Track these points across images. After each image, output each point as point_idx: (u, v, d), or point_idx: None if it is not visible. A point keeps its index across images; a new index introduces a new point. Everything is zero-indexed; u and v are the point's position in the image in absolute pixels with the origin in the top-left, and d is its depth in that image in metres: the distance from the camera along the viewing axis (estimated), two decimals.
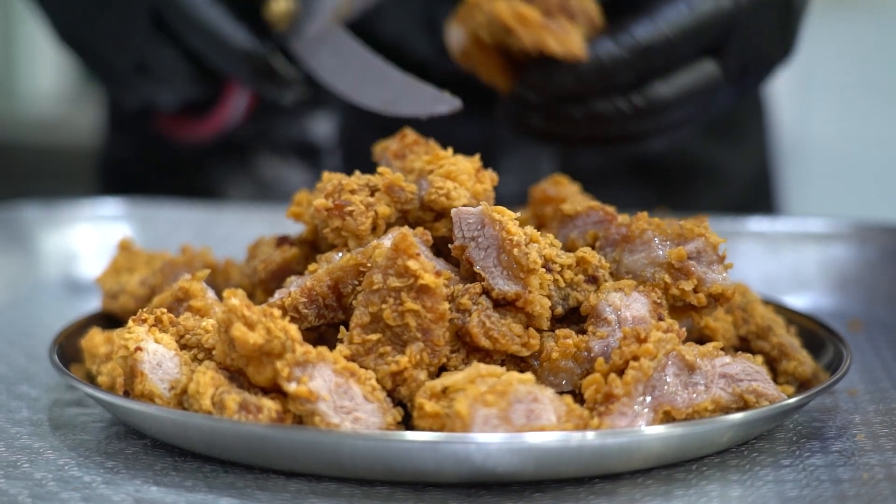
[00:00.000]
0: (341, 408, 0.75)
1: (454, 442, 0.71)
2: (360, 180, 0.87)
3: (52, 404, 0.89)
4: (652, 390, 0.77)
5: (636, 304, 0.82)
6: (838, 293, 1.14)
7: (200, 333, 0.82)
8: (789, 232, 1.20)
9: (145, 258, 0.99)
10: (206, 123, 1.20)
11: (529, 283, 0.80)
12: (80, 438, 0.82)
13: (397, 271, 0.78)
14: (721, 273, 0.84)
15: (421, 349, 0.78)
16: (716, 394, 0.78)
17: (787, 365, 0.88)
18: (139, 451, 0.79)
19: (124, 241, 1.01)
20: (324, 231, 0.87)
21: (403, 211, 0.87)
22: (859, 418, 0.85)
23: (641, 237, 0.85)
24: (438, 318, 0.78)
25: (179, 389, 0.77)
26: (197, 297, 0.86)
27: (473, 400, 0.73)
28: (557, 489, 0.73)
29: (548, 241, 0.84)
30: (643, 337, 0.79)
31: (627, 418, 0.76)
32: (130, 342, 0.79)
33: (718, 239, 0.84)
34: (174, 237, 1.20)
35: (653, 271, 0.84)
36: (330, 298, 0.83)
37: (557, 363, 0.80)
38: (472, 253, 0.82)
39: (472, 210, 0.83)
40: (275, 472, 0.75)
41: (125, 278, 0.97)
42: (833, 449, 0.79)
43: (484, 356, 0.80)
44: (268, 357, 0.75)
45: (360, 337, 0.79)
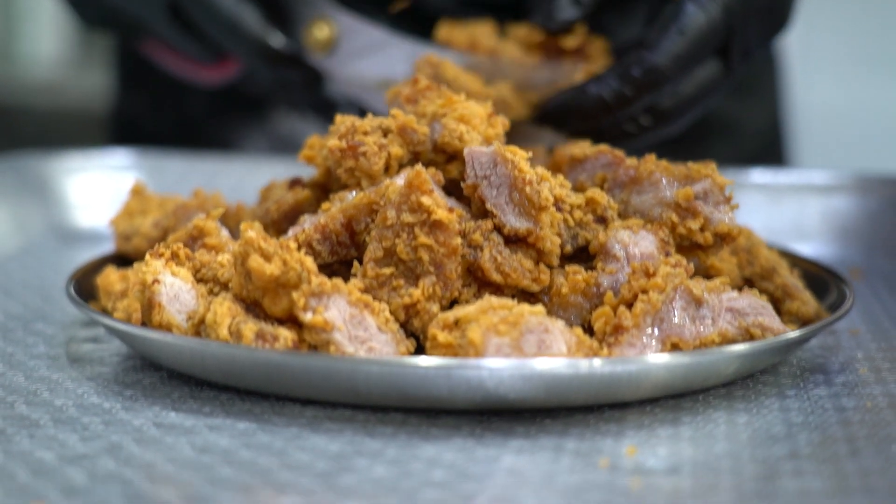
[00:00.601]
0: (356, 337, 0.77)
1: (467, 367, 0.72)
2: (373, 122, 0.88)
3: (68, 340, 0.90)
4: (660, 322, 0.78)
5: (644, 241, 0.84)
6: (839, 243, 1.16)
7: (216, 267, 0.84)
8: (792, 183, 1.21)
9: (158, 202, 1.01)
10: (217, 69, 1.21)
11: (540, 220, 0.81)
12: (98, 370, 0.83)
13: (411, 207, 0.80)
14: (727, 213, 0.86)
15: (433, 283, 0.79)
16: (722, 327, 0.80)
17: (791, 305, 0.90)
18: (156, 382, 0.81)
19: (137, 184, 1.03)
20: (337, 171, 0.88)
21: (416, 153, 0.89)
22: (861, 354, 0.86)
23: (649, 178, 0.87)
24: (451, 253, 0.80)
25: (197, 320, 0.79)
26: (211, 234, 0.87)
27: (486, 329, 0.74)
28: (567, 416, 0.75)
29: (558, 182, 0.85)
30: (652, 271, 0.81)
31: (636, 349, 0.77)
32: (148, 275, 0.81)
33: (725, 180, 0.85)
34: (183, 186, 1.21)
35: (660, 211, 0.86)
36: (343, 235, 0.84)
37: (567, 298, 0.82)
38: (485, 191, 0.83)
39: (485, 149, 0.84)
40: (290, 400, 0.77)
41: (138, 220, 0.98)
42: (837, 381, 0.81)
43: (495, 291, 0.82)
44: (284, 288, 0.77)
45: (374, 271, 0.80)
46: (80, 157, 1.27)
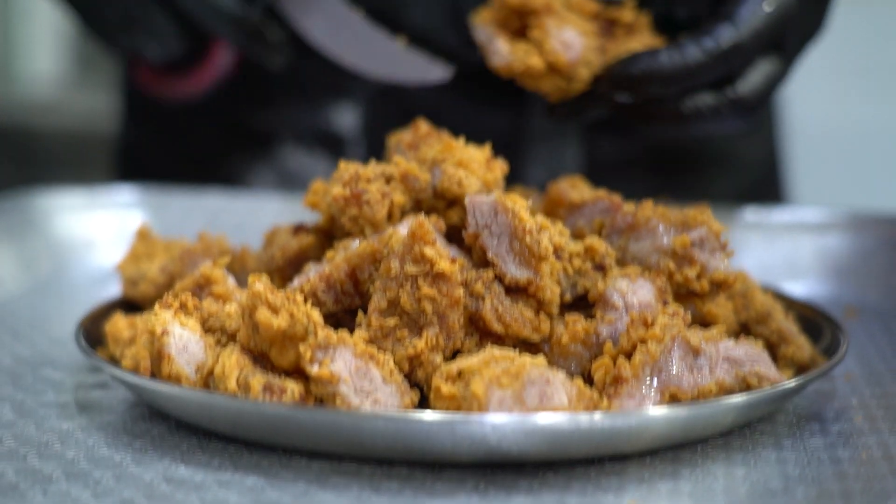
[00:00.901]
0: (361, 389, 0.78)
1: (470, 422, 0.74)
2: (376, 170, 0.90)
3: (77, 386, 0.91)
4: (659, 373, 0.80)
5: (642, 290, 0.85)
6: (833, 281, 1.17)
7: (223, 318, 0.85)
8: (785, 222, 1.23)
9: (163, 245, 1.02)
10: (191, 80, 1.22)
11: (541, 270, 0.83)
12: (107, 419, 0.85)
13: (414, 258, 0.82)
14: (723, 260, 0.87)
15: (437, 333, 0.81)
16: (720, 377, 0.81)
17: (787, 350, 0.91)
18: (164, 432, 0.82)
19: (143, 228, 1.04)
20: (341, 219, 0.90)
21: (418, 199, 0.91)
22: (856, 401, 0.88)
23: (647, 225, 0.89)
24: (453, 304, 0.81)
25: (206, 371, 0.80)
26: (218, 283, 0.89)
27: (489, 382, 0.76)
28: (569, 469, 0.76)
29: (557, 230, 0.87)
30: (650, 321, 0.82)
31: (635, 400, 0.79)
32: (157, 326, 0.82)
33: (721, 227, 0.87)
34: (187, 224, 1.22)
35: (657, 258, 0.87)
36: (347, 284, 0.86)
37: (567, 347, 0.83)
38: (486, 240, 0.85)
39: (486, 198, 0.86)
40: (297, 453, 0.78)
41: (145, 265, 1.00)
42: (832, 430, 0.83)
43: (496, 341, 0.84)
44: (291, 340, 0.78)
45: (378, 321, 0.82)
46: (85, 194, 1.28)
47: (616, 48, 1.01)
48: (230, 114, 1.37)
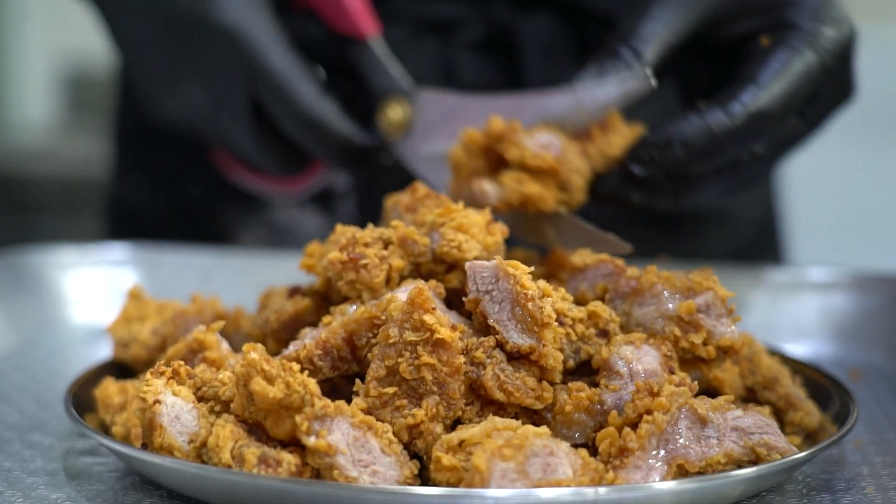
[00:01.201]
0: (359, 461, 0.76)
1: (472, 497, 0.72)
2: (374, 233, 0.88)
3: (65, 453, 0.89)
4: (665, 444, 0.78)
5: (647, 357, 0.83)
6: (838, 341, 1.16)
7: (217, 386, 0.83)
8: (789, 281, 1.21)
9: (155, 307, 1.00)
10: (286, 185, 1.19)
11: (543, 337, 0.81)
12: (97, 489, 0.82)
13: (413, 325, 0.79)
14: (729, 326, 0.85)
15: (437, 402, 0.79)
16: (728, 447, 0.79)
17: (794, 416, 0.89)
18: (156, 502, 0.80)
19: (134, 289, 1.02)
20: (338, 284, 0.88)
21: (416, 263, 0.89)
22: (867, 470, 0.86)
23: (651, 290, 0.87)
24: (454, 372, 0.79)
25: (199, 443, 0.78)
26: (212, 348, 0.87)
27: (491, 454, 0.74)
28: None
29: (560, 296, 0.85)
30: (656, 391, 0.80)
31: (642, 472, 0.77)
32: (149, 395, 0.80)
33: (727, 292, 0.85)
34: (179, 282, 1.20)
35: (663, 324, 0.86)
36: (344, 351, 0.84)
37: (571, 416, 0.81)
38: (487, 306, 0.83)
39: (487, 264, 0.84)
40: None
41: (136, 327, 0.98)
42: (843, 502, 0.80)
43: (498, 409, 0.81)
44: (287, 411, 0.76)
45: (377, 390, 0.80)
46: (76, 251, 1.26)
47: (598, 148, 0.98)
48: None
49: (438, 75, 1.27)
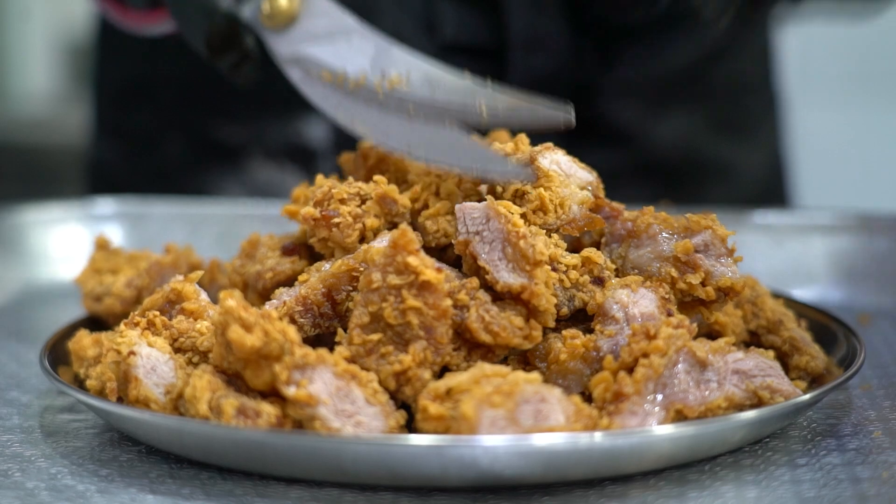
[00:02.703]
0: (342, 412, 0.73)
1: (460, 445, 0.69)
2: (352, 188, 0.84)
3: (43, 410, 0.86)
4: (663, 388, 0.74)
5: (644, 301, 0.80)
6: (845, 286, 1.12)
7: (195, 336, 0.80)
8: (795, 224, 1.17)
9: (126, 257, 0.96)
10: (149, 19, 1.11)
11: (535, 276, 0.77)
12: (73, 445, 0.79)
13: (397, 268, 0.76)
14: (730, 266, 0.82)
15: (424, 347, 0.75)
16: (729, 391, 0.76)
17: (799, 359, 0.86)
18: (134, 458, 0.77)
19: (101, 238, 0.99)
20: (310, 241, 0.85)
21: (394, 223, 0.85)
22: (875, 414, 0.82)
23: (647, 231, 0.83)
24: (441, 315, 0.76)
25: (175, 394, 0.75)
26: (190, 298, 0.83)
27: (479, 401, 0.70)
28: (566, 492, 0.71)
29: (553, 240, 0.81)
30: (653, 333, 0.77)
31: (638, 417, 0.73)
32: (123, 346, 0.77)
33: (726, 231, 0.82)
34: (166, 237, 1.17)
35: (659, 266, 0.82)
36: (325, 306, 0.80)
37: (566, 364, 0.78)
38: (477, 247, 0.79)
39: (477, 205, 0.80)
40: (274, 479, 0.73)
41: (108, 279, 0.94)
42: (850, 447, 0.77)
43: (486, 352, 0.78)
44: (266, 360, 0.73)
45: (361, 337, 0.76)
46: (59, 208, 1.23)
47: None
48: (197, 127, 1.32)
49: (419, 28, 1.23)
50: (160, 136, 1.34)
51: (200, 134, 1.31)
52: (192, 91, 1.32)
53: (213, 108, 1.31)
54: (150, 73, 1.34)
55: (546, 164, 0.84)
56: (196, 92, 1.31)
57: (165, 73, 1.33)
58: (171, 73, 1.33)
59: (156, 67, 1.33)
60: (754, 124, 1.39)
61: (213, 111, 1.31)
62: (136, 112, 1.36)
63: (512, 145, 0.86)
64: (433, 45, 1.22)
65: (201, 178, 1.33)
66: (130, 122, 1.32)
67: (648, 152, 1.33)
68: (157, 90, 1.35)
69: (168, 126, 1.33)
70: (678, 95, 1.33)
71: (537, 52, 1.22)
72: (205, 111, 1.31)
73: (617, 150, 1.32)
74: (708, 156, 1.36)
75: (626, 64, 1.27)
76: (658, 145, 1.33)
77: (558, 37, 1.23)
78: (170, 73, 1.33)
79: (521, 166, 0.83)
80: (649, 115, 1.32)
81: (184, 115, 1.27)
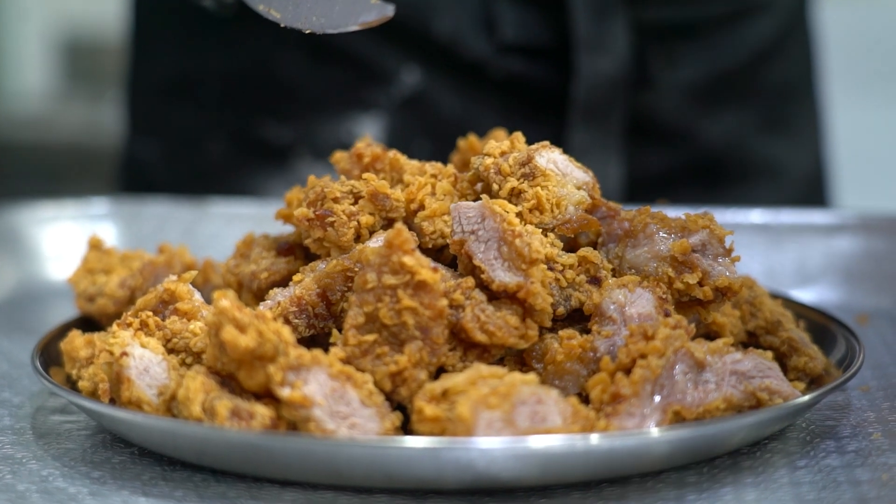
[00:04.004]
0: (337, 413, 0.72)
1: (456, 448, 0.68)
2: (344, 187, 0.84)
3: (35, 411, 0.85)
4: (661, 389, 0.74)
5: (641, 301, 0.79)
6: (844, 286, 1.11)
7: (188, 337, 0.79)
8: (793, 224, 1.16)
9: (119, 257, 0.96)
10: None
11: (531, 274, 0.77)
12: (65, 447, 0.79)
13: (392, 268, 0.75)
14: (727, 266, 0.81)
15: (420, 348, 0.75)
16: (727, 392, 0.75)
17: (798, 360, 0.85)
18: (126, 460, 0.76)
19: (94, 238, 0.98)
20: (305, 241, 0.84)
21: (389, 219, 0.84)
22: (874, 416, 0.82)
23: (644, 231, 0.82)
24: (437, 315, 0.75)
25: (168, 395, 0.74)
26: (183, 299, 0.82)
27: (476, 403, 0.70)
28: (564, 495, 0.70)
29: (549, 239, 0.81)
30: (650, 334, 0.76)
31: (636, 419, 0.72)
32: (115, 347, 0.76)
33: (724, 231, 0.81)
34: (161, 236, 1.16)
35: (656, 265, 0.81)
36: (320, 307, 0.80)
37: (563, 365, 0.77)
38: (472, 246, 0.79)
39: (472, 204, 0.80)
40: (269, 481, 0.72)
41: (101, 279, 0.93)
42: (849, 449, 0.76)
43: (482, 352, 0.77)
44: (260, 361, 0.72)
45: (356, 338, 0.75)
46: (54, 207, 1.22)
47: None
48: (242, 126, 1.30)
49: (477, 28, 1.22)
50: (202, 135, 1.32)
51: (245, 133, 1.29)
52: (236, 89, 1.30)
53: (259, 107, 1.29)
54: (192, 71, 1.32)
55: (543, 162, 0.83)
56: (241, 90, 1.29)
57: (208, 70, 1.31)
58: (214, 70, 1.31)
59: (198, 65, 1.31)
60: (799, 124, 1.40)
61: (259, 110, 1.29)
62: (178, 111, 1.34)
63: (507, 143, 0.85)
64: (492, 45, 1.21)
65: (245, 179, 1.31)
66: (171, 120, 1.30)
67: (700, 153, 1.34)
68: (200, 88, 1.32)
69: (211, 125, 1.31)
70: (730, 95, 1.34)
71: (602, 53, 1.21)
72: (251, 110, 1.29)
73: (671, 151, 1.32)
74: (755, 156, 1.37)
75: (684, 64, 1.27)
76: (709, 146, 1.33)
77: (621, 37, 1.23)
78: (213, 71, 1.31)
79: None
80: (703, 115, 1.32)
81: (228, 113, 1.26)
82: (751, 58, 1.33)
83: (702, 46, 1.28)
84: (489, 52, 1.22)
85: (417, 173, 0.86)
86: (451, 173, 0.86)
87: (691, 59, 1.29)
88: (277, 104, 1.30)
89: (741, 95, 1.35)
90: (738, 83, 1.34)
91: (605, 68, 1.23)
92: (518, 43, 1.23)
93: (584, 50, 1.22)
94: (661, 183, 1.17)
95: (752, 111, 1.36)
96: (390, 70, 1.25)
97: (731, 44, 1.30)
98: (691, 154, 1.34)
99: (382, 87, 1.15)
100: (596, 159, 1.26)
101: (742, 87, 1.34)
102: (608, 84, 1.23)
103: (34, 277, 1.17)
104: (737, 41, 1.30)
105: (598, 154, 1.26)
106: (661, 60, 1.27)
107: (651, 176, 1.12)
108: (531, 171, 0.82)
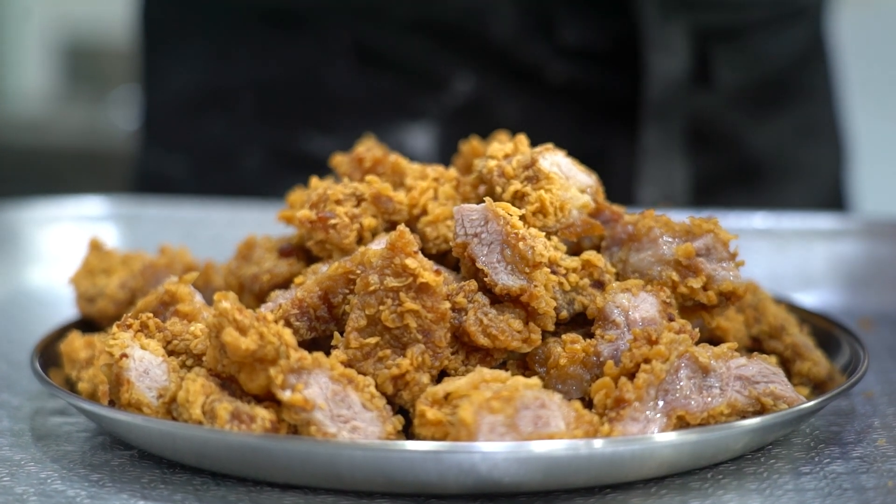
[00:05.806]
0: (338, 416, 0.71)
1: (458, 452, 0.67)
2: (347, 189, 0.83)
3: (34, 413, 0.85)
4: (665, 394, 0.73)
5: (645, 305, 0.79)
6: (847, 291, 1.11)
7: (189, 339, 0.78)
8: (796, 228, 1.16)
9: (120, 259, 0.95)
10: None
11: (535, 278, 0.76)
12: (64, 449, 0.78)
13: (394, 271, 0.75)
14: (732, 270, 0.81)
15: (422, 351, 0.74)
16: (732, 397, 0.74)
17: (802, 366, 0.85)
18: (125, 463, 0.76)
19: (94, 240, 0.97)
20: (307, 244, 0.84)
21: (391, 222, 0.84)
22: (878, 422, 0.81)
23: (648, 235, 0.82)
24: (440, 318, 0.75)
25: (168, 398, 0.74)
26: (184, 300, 0.82)
27: (479, 407, 0.69)
28: (567, 500, 0.70)
29: (553, 243, 0.80)
30: (654, 338, 0.75)
31: (639, 424, 0.72)
32: (115, 349, 0.75)
33: (728, 235, 0.80)
34: (161, 238, 1.15)
35: (660, 269, 0.81)
36: (321, 309, 0.79)
37: (566, 370, 0.76)
38: (475, 249, 0.78)
39: (476, 207, 0.79)
40: (269, 485, 0.72)
41: (102, 281, 0.93)
42: (854, 455, 0.76)
43: (484, 356, 0.77)
44: (261, 363, 0.71)
45: (358, 341, 0.75)
46: (52, 206, 1.22)
47: None
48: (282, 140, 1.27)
49: (536, 32, 1.20)
50: (235, 149, 1.29)
51: (284, 146, 1.27)
52: (274, 100, 1.27)
53: (301, 119, 1.27)
54: (222, 82, 1.29)
55: (546, 165, 0.82)
56: (280, 101, 1.26)
57: (241, 81, 1.28)
58: (248, 81, 1.28)
59: (228, 75, 1.28)
60: (827, 129, 1.40)
61: (301, 122, 1.27)
62: (207, 124, 1.31)
63: (511, 146, 0.85)
64: (550, 48, 1.20)
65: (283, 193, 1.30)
66: (199, 135, 1.28)
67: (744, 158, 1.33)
68: (231, 100, 1.29)
69: (245, 139, 1.28)
70: (774, 100, 1.34)
71: (668, 55, 1.21)
72: (291, 122, 1.27)
73: (719, 156, 1.32)
74: (789, 161, 1.36)
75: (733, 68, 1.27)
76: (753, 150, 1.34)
77: (683, 39, 1.22)
78: (247, 82, 1.28)
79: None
80: (750, 119, 1.32)
81: (264, 126, 1.23)
82: (790, 63, 1.34)
83: (746, 51, 1.28)
84: (547, 55, 1.20)
85: (419, 177, 0.85)
86: (454, 177, 0.85)
87: (738, 65, 1.29)
88: (321, 115, 1.27)
89: (782, 100, 1.35)
90: (779, 88, 1.34)
91: (671, 70, 1.22)
92: (578, 46, 1.21)
93: (653, 52, 1.21)
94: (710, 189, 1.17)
95: (791, 116, 1.36)
96: (442, 77, 1.23)
97: (773, 49, 1.31)
98: (737, 160, 1.33)
99: (434, 94, 1.13)
100: (665, 164, 1.25)
101: (783, 92, 1.35)
102: (675, 85, 1.22)
103: (34, 278, 1.16)
104: (778, 46, 1.31)
105: (666, 158, 1.25)
106: (716, 64, 1.26)
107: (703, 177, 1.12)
108: (535, 174, 0.82)
